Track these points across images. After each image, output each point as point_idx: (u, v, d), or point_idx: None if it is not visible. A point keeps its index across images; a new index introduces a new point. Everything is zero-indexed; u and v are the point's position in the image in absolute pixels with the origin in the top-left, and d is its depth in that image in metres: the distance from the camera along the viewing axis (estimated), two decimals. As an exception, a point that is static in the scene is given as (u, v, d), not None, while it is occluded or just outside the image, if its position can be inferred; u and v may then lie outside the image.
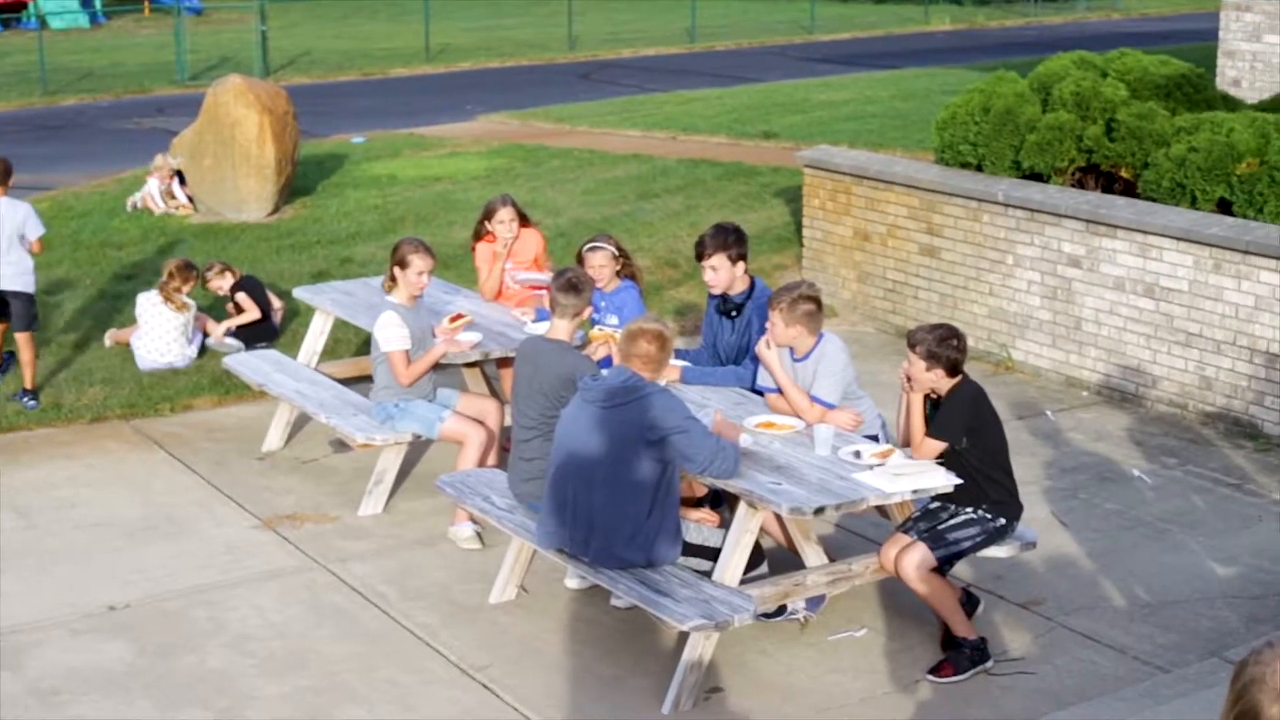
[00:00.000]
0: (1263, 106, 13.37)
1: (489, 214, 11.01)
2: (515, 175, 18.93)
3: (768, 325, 8.55)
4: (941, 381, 7.89)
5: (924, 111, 20.61)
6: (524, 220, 11.13)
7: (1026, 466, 10.30)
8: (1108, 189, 12.83)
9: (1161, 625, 8.38)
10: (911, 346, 7.92)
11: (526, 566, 8.65)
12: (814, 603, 8.28)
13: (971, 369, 11.53)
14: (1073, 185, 12.91)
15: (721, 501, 8.57)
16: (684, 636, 7.54)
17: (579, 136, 22.06)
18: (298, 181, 17.94)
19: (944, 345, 7.83)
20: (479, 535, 9.34)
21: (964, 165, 13.50)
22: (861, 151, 15.94)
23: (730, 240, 9.13)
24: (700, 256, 9.24)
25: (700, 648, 7.47)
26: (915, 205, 13.47)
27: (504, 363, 10.31)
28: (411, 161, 20.29)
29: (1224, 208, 11.88)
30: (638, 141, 21.28)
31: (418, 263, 9.55)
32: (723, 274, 9.18)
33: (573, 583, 8.71)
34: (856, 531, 9.32)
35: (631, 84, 29.27)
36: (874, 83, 26.75)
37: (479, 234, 11.14)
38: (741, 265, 9.21)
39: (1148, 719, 6.70)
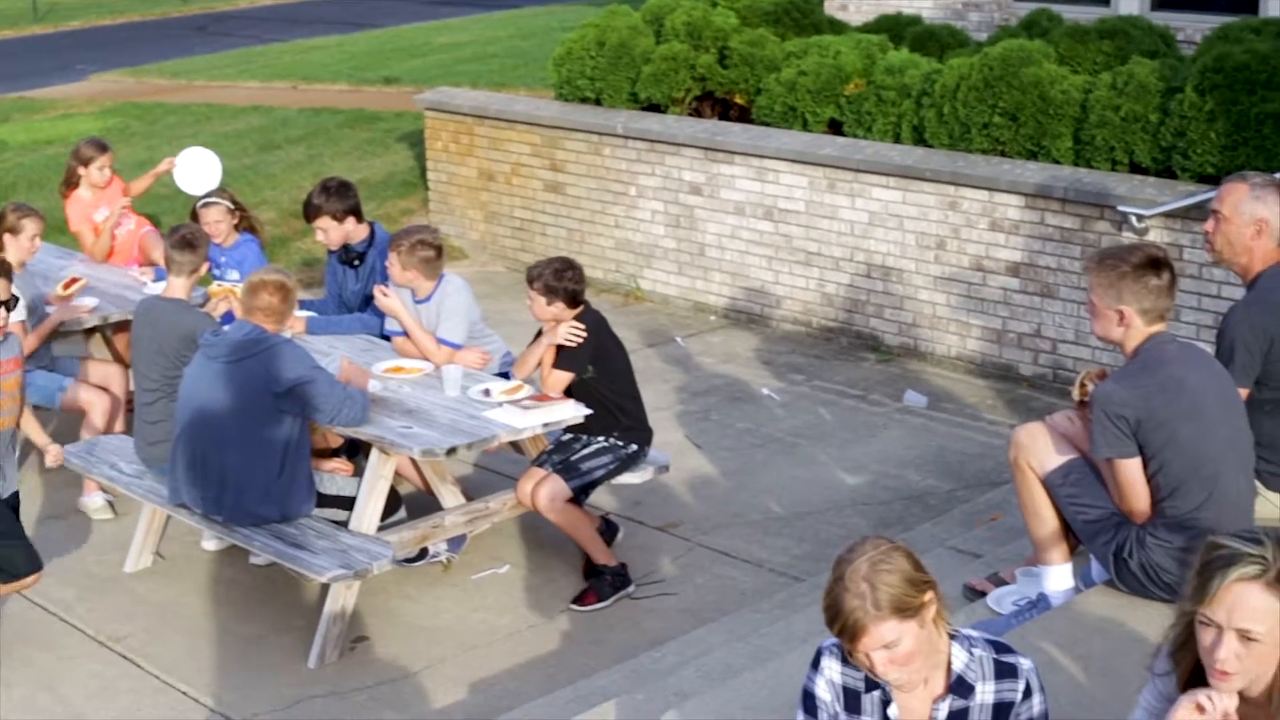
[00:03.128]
0: (867, 29, 13.72)
1: (85, 160, 10.61)
2: (131, 134, 18.40)
3: (387, 265, 8.51)
4: (564, 314, 7.95)
5: (544, 49, 20.61)
6: None
7: (659, 393, 10.47)
8: (724, 116, 13.05)
9: (795, 537, 8.61)
10: (530, 282, 7.97)
11: (161, 532, 8.46)
12: (455, 543, 8.29)
13: (601, 300, 11.68)
14: (690, 114, 13.10)
15: (358, 450, 8.51)
16: (326, 588, 7.48)
17: (196, 91, 21.53)
18: (-101, 153, 17.18)
19: (560, 278, 7.90)
20: (110, 504, 9.09)
21: (583, 100, 13.58)
22: (482, 91, 15.91)
23: (332, 200, 9.05)
24: (308, 219, 9.18)
25: (342, 598, 7.42)
26: (537, 142, 13.52)
27: (125, 325, 10.02)
28: (21, 126, 19.57)
29: (835, 128, 12.19)
30: (257, 93, 20.87)
31: (29, 227, 9.27)
32: (333, 234, 9.13)
33: (210, 544, 8.55)
34: (494, 469, 9.35)
35: (249, 35, 28.67)
36: (493, 23, 26.70)
37: (72, 181, 10.72)
38: (352, 219, 9.13)
39: (782, 629, 6.88)
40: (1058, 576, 6.16)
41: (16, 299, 7.02)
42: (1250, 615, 3.59)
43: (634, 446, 8.11)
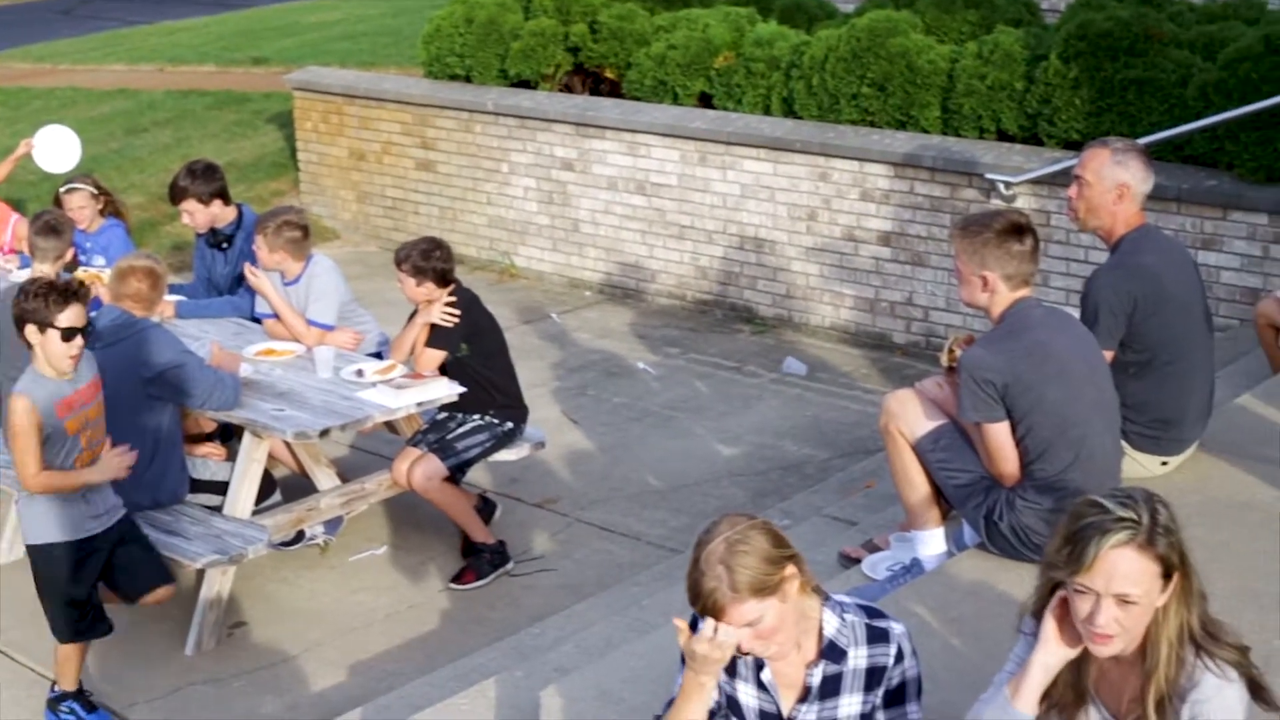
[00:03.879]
0: (735, 1, 13.74)
1: None
2: (-6, 120, 18.13)
3: (254, 249, 8.44)
4: (434, 293, 7.91)
5: (415, 27, 20.39)
6: None
7: (535, 369, 10.46)
8: (595, 91, 13.04)
9: (673, 509, 8.64)
10: (398, 264, 7.95)
11: (32, 522, 8.33)
12: (332, 525, 8.24)
13: (476, 278, 11.66)
14: (560, 90, 13.08)
15: (232, 435, 8.43)
16: (201, 574, 7.41)
17: (62, 75, 21.18)
18: None
19: (428, 258, 7.88)
20: (-21, 496, 8.95)
21: (453, 77, 13.52)
22: (351, 70, 15.80)
23: (198, 182, 8.96)
24: (174, 202, 9.09)
25: (217, 584, 7.36)
26: (408, 121, 13.44)
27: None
28: (-119, 114, 19.19)
29: (705, 101, 12.22)
30: (124, 76, 20.56)
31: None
32: (199, 216, 9.04)
33: (83, 533, 8.44)
34: (370, 450, 9.29)
35: (115, 17, 28.25)
36: (363, 1, 26.50)
37: None
38: (218, 202, 9.05)
39: (661, 600, 6.89)
40: (930, 541, 6.22)
41: (92, 324, 6.76)
42: (1127, 580, 3.62)
43: (510, 424, 8.10)
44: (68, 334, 6.43)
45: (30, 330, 6.43)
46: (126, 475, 6.78)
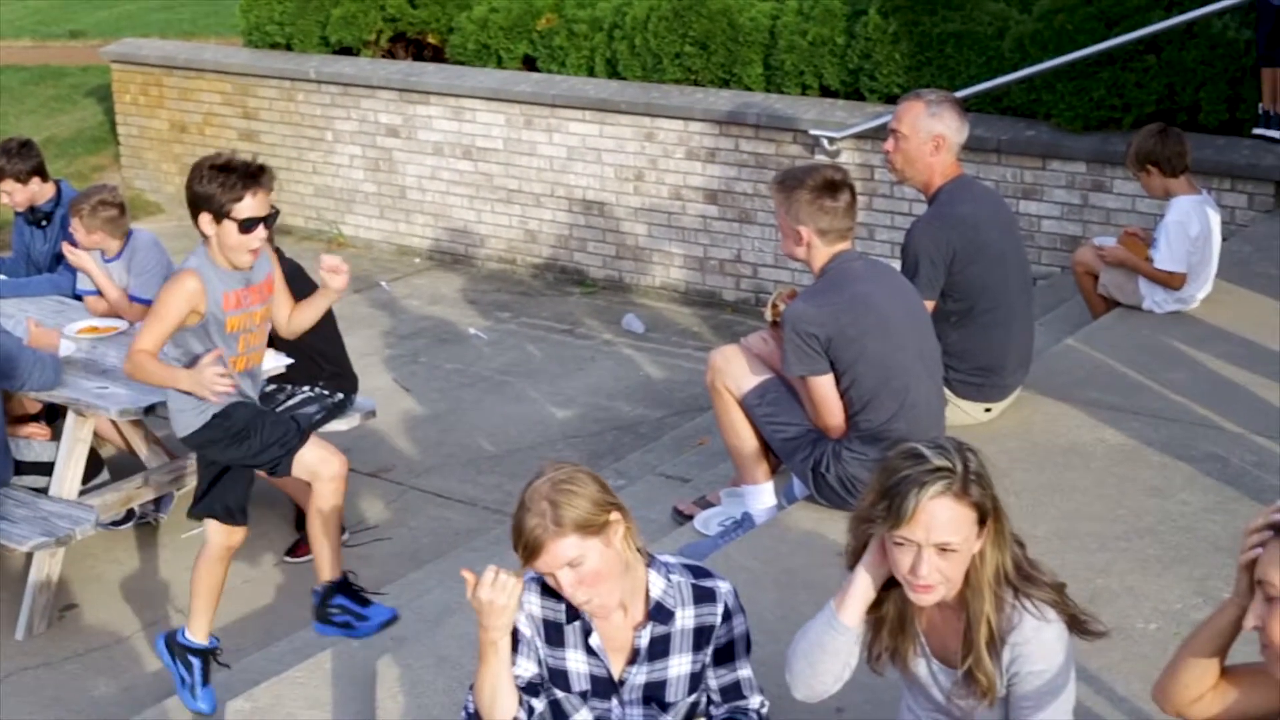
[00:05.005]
0: (557, -37, 13.73)
1: None
2: None
3: (71, 231, 8.29)
4: (258, 263, 7.82)
5: (235, -4, 20.24)
6: None
7: (366, 338, 10.40)
8: (418, 56, 12.95)
9: (508, 474, 8.64)
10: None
11: None
12: (163, 503, 8.14)
13: (303, 248, 11.56)
14: (383, 56, 12.98)
15: (57, 415, 8.29)
16: (30, 557, 7.29)
17: None
18: None
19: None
20: None
21: (274, 46, 13.36)
22: (170, 41, 15.54)
23: (14, 161, 8.79)
24: None
25: (46, 566, 7.23)
26: (229, 91, 13.27)
27: None
28: None
29: (529, 65, 12.18)
30: (-65, 53, 20.12)
31: None
32: (18, 195, 8.87)
33: (-94, 521, 8.27)
34: (200, 426, 9.19)
35: (-76, -7, 27.59)
36: (182, -29, 26.08)
37: None
38: (37, 180, 8.88)
39: (497, 564, 6.87)
40: (760, 495, 6.27)
41: (277, 211, 5.90)
42: (947, 529, 3.66)
43: (340, 394, 8.03)
44: (246, 225, 5.69)
45: (204, 219, 5.69)
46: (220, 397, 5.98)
